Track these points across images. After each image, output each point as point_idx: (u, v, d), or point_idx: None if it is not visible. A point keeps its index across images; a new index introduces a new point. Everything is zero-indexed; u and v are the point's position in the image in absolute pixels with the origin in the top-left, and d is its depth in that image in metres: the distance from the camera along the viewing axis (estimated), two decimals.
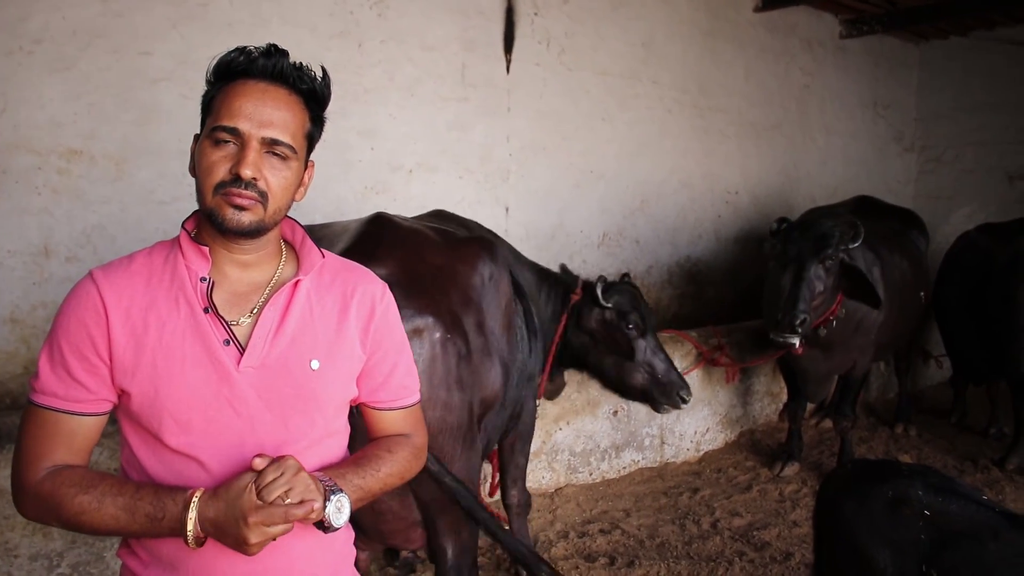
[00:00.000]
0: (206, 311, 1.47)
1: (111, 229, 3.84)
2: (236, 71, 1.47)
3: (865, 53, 7.94)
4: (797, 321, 4.25)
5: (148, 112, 3.85)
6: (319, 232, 2.77)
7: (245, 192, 1.43)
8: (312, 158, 1.60)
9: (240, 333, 1.49)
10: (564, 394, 4.52)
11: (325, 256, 1.63)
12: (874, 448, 5.89)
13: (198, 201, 1.48)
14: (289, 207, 1.54)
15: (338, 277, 1.62)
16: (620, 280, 4.13)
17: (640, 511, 4.64)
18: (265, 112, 1.44)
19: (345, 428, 1.65)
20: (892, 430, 6.25)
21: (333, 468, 1.53)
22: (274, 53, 1.48)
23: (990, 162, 8.02)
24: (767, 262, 4.82)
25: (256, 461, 1.38)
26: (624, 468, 5.19)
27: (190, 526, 1.34)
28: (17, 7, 3.54)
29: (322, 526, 1.42)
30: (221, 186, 1.43)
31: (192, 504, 1.35)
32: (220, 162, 1.43)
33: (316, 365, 1.52)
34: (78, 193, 3.76)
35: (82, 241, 3.79)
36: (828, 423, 6.15)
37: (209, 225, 1.47)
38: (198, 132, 1.52)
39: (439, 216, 3.55)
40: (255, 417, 1.47)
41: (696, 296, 6.70)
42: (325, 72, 1.56)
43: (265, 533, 1.33)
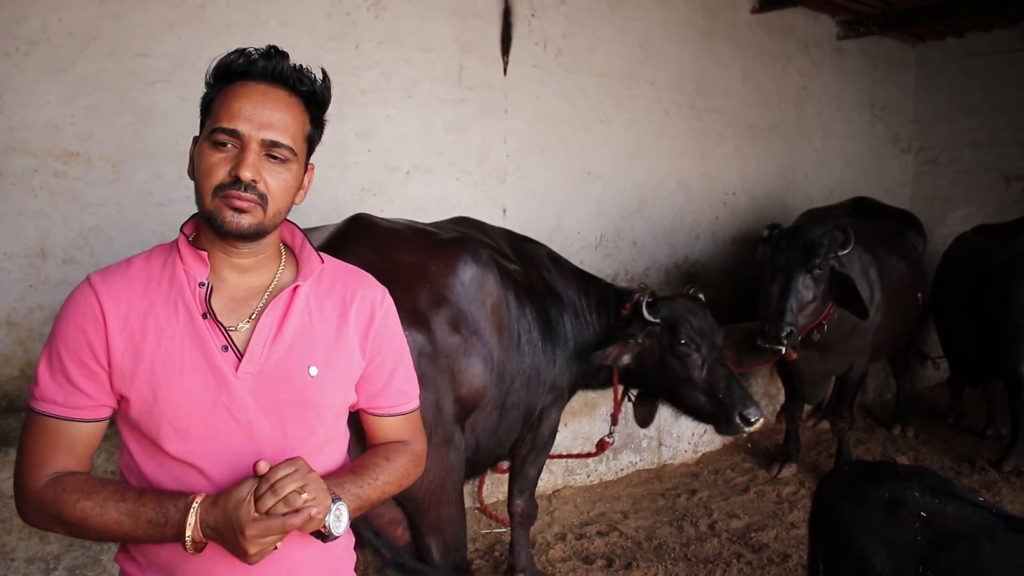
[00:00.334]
0: (204, 317, 1.46)
1: (108, 231, 3.84)
2: (236, 73, 1.46)
3: (862, 54, 7.95)
4: (783, 333, 4.24)
5: (145, 114, 3.84)
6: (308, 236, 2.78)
7: (244, 194, 1.42)
8: (311, 160, 1.59)
9: (238, 339, 1.48)
10: None
11: (325, 261, 1.61)
12: (871, 449, 5.89)
13: (197, 204, 1.47)
14: (289, 210, 1.53)
15: (337, 282, 1.61)
16: (683, 292, 3.83)
17: (638, 513, 4.64)
18: (265, 114, 1.43)
19: (344, 434, 1.64)
20: (889, 431, 6.25)
21: (331, 477, 1.52)
22: (274, 55, 1.48)
23: (987, 163, 8.03)
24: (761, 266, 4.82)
25: (260, 465, 1.36)
26: (622, 470, 5.19)
27: (189, 532, 1.33)
28: (14, 8, 3.54)
29: (320, 535, 1.41)
30: (220, 188, 1.42)
31: (192, 510, 1.34)
32: (219, 164, 1.42)
33: (315, 371, 1.51)
34: (75, 195, 3.75)
35: (79, 243, 3.78)
36: (825, 424, 6.16)
37: (208, 228, 1.46)
38: (197, 135, 1.51)
39: (459, 222, 3.55)
40: (253, 423, 1.47)
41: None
42: (325, 74, 1.55)
43: (263, 544, 1.32)
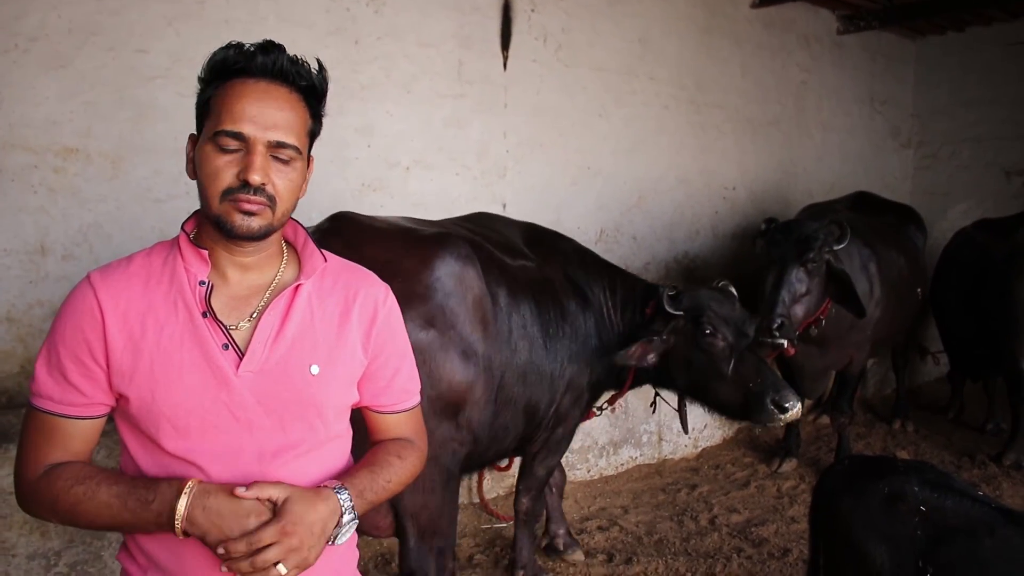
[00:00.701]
0: (204, 315, 1.45)
1: (107, 227, 3.84)
2: (233, 70, 1.44)
3: (862, 49, 7.94)
4: (775, 325, 4.22)
5: (144, 110, 3.84)
6: None
7: (254, 198, 1.41)
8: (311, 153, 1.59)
9: (239, 337, 1.48)
10: None
11: (328, 259, 1.61)
12: (871, 444, 5.90)
13: (202, 205, 1.46)
14: (295, 207, 1.53)
15: (340, 280, 1.60)
16: (712, 285, 3.64)
17: (638, 508, 4.65)
18: (269, 114, 1.42)
19: (347, 432, 1.64)
20: (889, 426, 6.26)
21: (348, 477, 1.53)
22: (271, 49, 1.45)
23: (987, 158, 8.03)
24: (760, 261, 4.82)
25: (239, 491, 1.37)
26: (622, 465, 5.20)
27: (181, 510, 1.34)
28: (13, 5, 3.53)
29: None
30: (229, 192, 1.41)
31: (185, 491, 1.35)
32: (225, 167, 1.41)
33: (316, 370, 1.51)
34: (74, 191, 3.75)
35: (78, 239, 3.78)
36: (825, 419, 6.16)
37: (214, 230, 1.46)
38: (194, 133, 1.49)
39: (478, 217, 3.54)
40: (254, 422, 1.46)
41: None
42: (321, 65, 1.54)
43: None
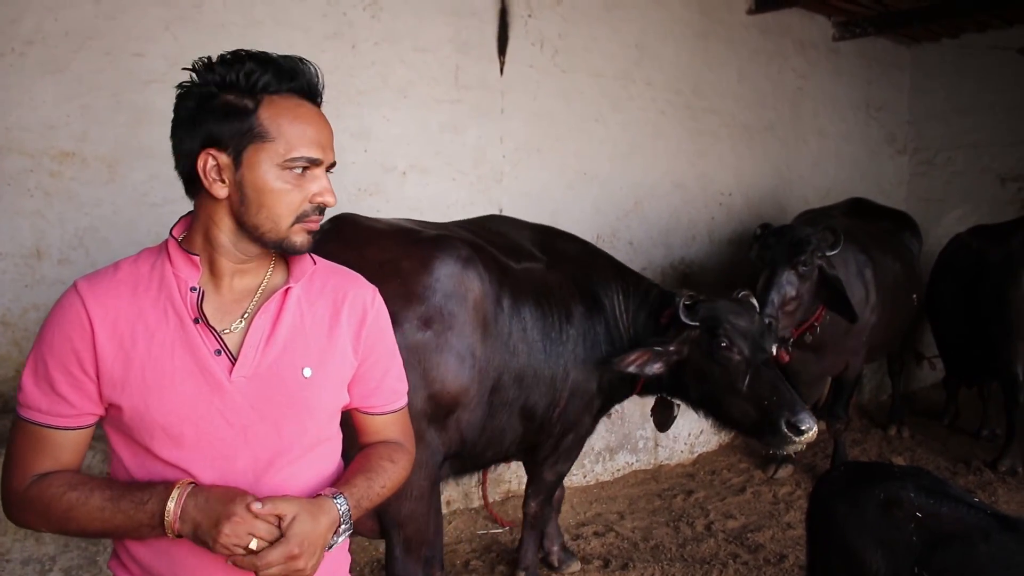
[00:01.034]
0: (196, 322, 1.44)
1: (104, 231, 3.83)
2: (286, 89, 1.44)
3: (858, 55, 7.97)
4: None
5: (141, 114, 3.84)
6: None
7: (319, 217, 1.47)
8: None
9: (231, 341, 1.47)
10: None
11: (317, 263, 1.61)
12: (867, 450, 5.90)
13: (264, 227, 1.44)
14: None
15: (328, 282, 1.61)
16: (733, 296, 3.48)
17: (634, 513, 4.64)
18: (326, 136, 1.47)
19: (337, 434, 1.64)
20: (885, 432, 6.27)
21: (343, 483, 1.54)
22: (311, 67, 1.48)
23: (982, 164, 8.05)
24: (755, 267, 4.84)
25: (255, 506, 1.36)
26: (618, 470, 5.20)
27: (171, 504, 1.34)
28: (9, 8, 3.53)
29: None
30: (303, 216, 1.45)
31: (178, 487, 1.36)
32: (295, 191, 1.43)
33: (308, 373, 1.51)
34: (70, 195, 3.74)
35: (74, 243, 3.77)
36: (821, 425, 6.16)
37: (260, 245, 1.46)
38: (223, 142, 1.42)
39: (492, 219, 3.54)
40: (248, 427, 1.46)
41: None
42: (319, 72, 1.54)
43: (236, 543, 1.34)
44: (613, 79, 5.89)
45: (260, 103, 1.41)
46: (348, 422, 1.71)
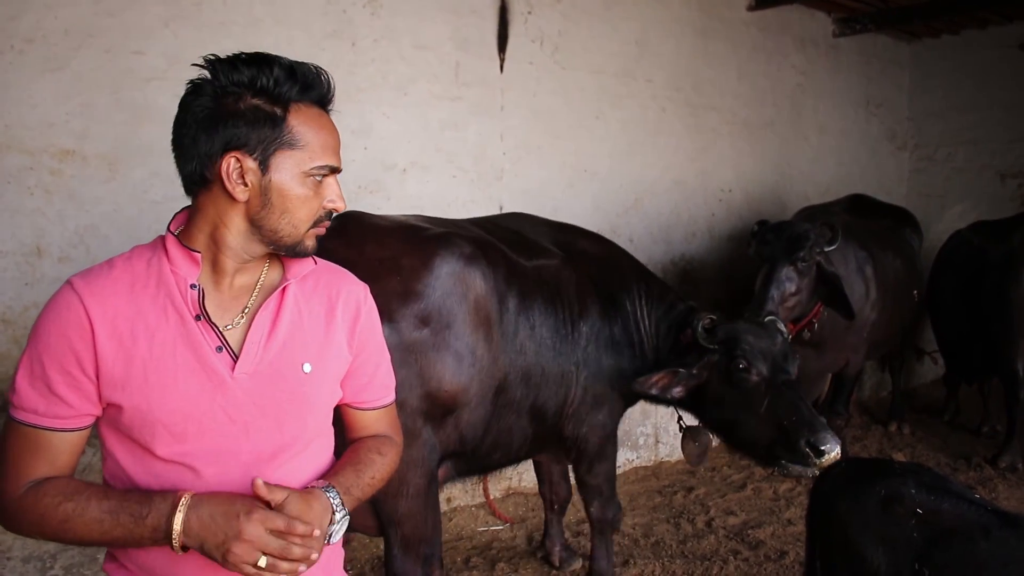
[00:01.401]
0: (197, 319, 1.44)
1: (104, 229, 3.83)
2: (309, 99, 1.48)
3: (858, 52, 7.95)
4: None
5: (141, 112, 3.84)
6: None
7: (328, 221, 1.52)
8: None
9: (232, 338, 1.47)
10: None
11: (316, 262, 1.62)
12: (868, 446, 5.91)
13: (283, 231, 1.46)
14: None
15: (321, 280, 1.62)
16: (758, 320, 3.42)
17: (635, 510, 4.65)
18: (339, 145, 1.53)
19: (330, 430, 1.65)
20: (885, 428, 6.28)
21: (333, 475, 1.54)
22: (331, 81, 1.53)
23: (982, 160, 8.05)
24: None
25: (259, 484, 1.36)
26: (619, 467, 5.18)
27: (177, 526, 1.31)
28: (8, 6, 3.53)
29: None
30: (319, 221, 1.49)
31: (181, 505, 1.33)
32: (316, 197, 1.47)
33: (308, 368, 1.52)
34: (70, 193, 3.74)
35: (75, 241, 3.77)
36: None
37: (274, 247, 1.48)
38: (251, 146, 1.41)
39: (513, 217, 3.54)
40: (250, 424, 1.46)
41: (690, 295, 6.70)
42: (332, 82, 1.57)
43: (243, 564, 1.32)
44: (613, 76, 5.89)
45: (288, 111, 1.43)
46: (337, 418, 1.71)
